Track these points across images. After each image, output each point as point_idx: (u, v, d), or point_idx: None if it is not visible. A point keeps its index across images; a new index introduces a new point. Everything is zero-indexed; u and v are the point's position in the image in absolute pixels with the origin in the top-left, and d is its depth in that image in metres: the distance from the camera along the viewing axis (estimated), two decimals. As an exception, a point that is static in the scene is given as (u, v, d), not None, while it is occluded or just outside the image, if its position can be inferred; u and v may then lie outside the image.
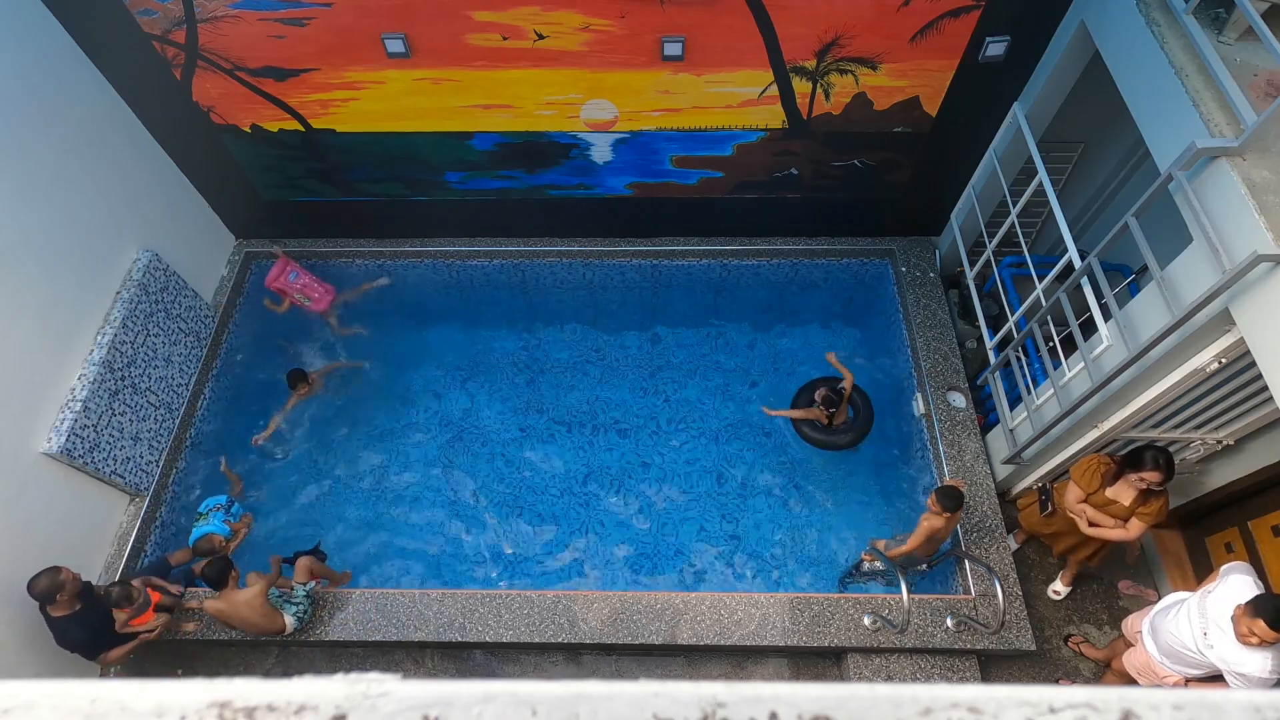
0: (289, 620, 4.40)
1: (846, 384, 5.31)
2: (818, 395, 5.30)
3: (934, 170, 5.60)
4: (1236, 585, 3.32)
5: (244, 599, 4.18)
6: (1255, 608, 3.06)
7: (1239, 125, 3.14)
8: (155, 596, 4.44)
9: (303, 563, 4.62)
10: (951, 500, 4.17)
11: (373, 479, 5.79)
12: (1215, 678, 3.40)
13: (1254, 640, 3.06)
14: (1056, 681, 4.66)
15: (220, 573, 4.13)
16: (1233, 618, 3.18)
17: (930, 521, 4.27)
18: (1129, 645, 4.07)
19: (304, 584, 4.58)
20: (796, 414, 5.48)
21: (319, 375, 5.94)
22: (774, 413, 5.57)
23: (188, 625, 4.59)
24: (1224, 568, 3.49)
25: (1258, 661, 3.14)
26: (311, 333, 6.43)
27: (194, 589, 4.72)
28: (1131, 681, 3.95)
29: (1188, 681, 3.56)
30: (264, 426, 5.73)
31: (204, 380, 5.78)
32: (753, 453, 5.79)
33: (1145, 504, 3.94)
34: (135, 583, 4.32)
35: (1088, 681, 4.67)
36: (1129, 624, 4.08)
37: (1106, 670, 4.51)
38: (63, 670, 4.38)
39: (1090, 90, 4.63)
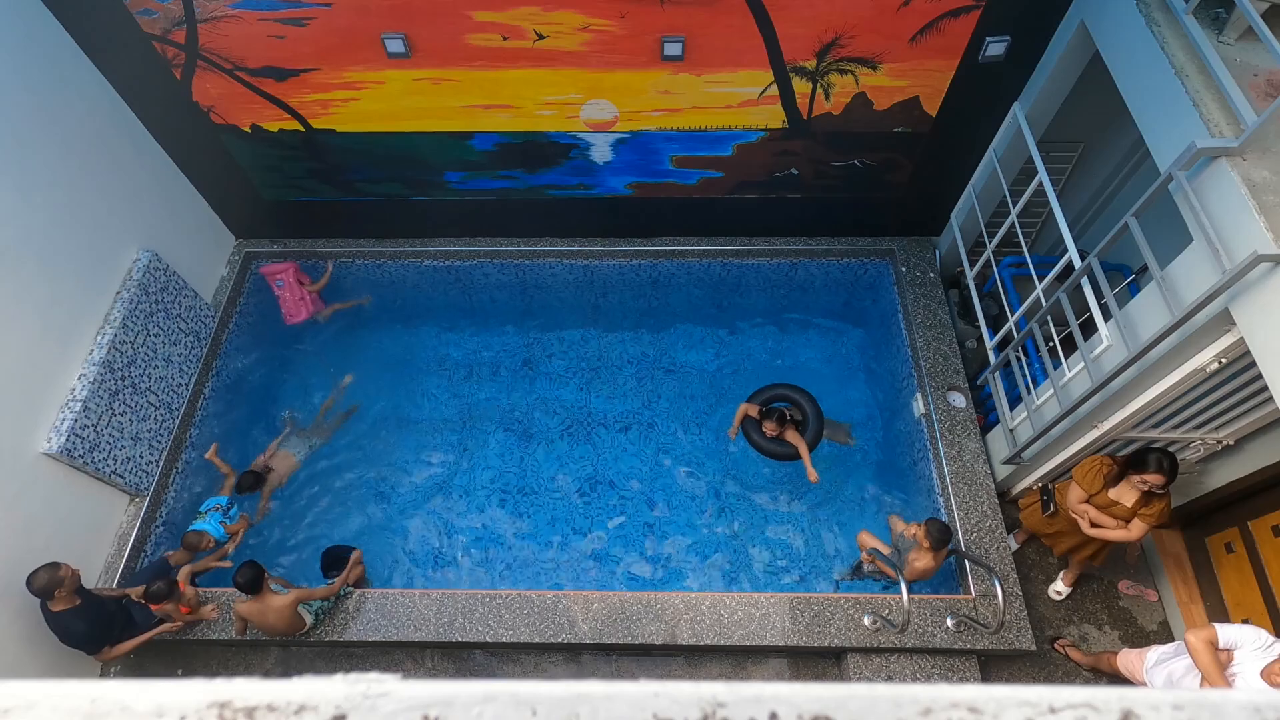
0: (309, 619, 4.42)
1: (749, 411, 5.29)
2: (768, 429, 5.12)
3: (934, 170, 5.60)
4: (1253, 635, 3.20)
5: (276, 606, 4.18)
6: None
7: (1239, 125, 3.14)
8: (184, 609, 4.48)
9: (358, 557, 4.89)
10: (940, 537, 4.24)
11: (371, 480, 5.79)
12: None
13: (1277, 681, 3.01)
14: (1052, 644, 4.76)
15: (252, 581, 4.10)
16: (1264, 672, 3.08)
17: (923, 561, 4.34)
18: (1112, 667, 4.07)
19: (349, 583, 4.70)
20: (803, 450, 5.13)
21: (278, 473, 5.49)
22: (811, 472, 5.09)
23: (207, 610, 4.56)
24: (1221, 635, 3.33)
25: None
26: (309, 343, 6.43)
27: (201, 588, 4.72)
28: None
29: None
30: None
31: (204, 380, 5.78)
32: (753, 451, 5.79)
33: (1147, 505, 3.94)
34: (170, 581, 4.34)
35: (1087, 682, 4.67)
36: (1128, 665, 4.02)
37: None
38: (63, 670, 4.38)
39: (1090, 90, 4.63)
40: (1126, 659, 4.03)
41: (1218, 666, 3.14)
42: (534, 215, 6.12)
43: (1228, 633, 3.21)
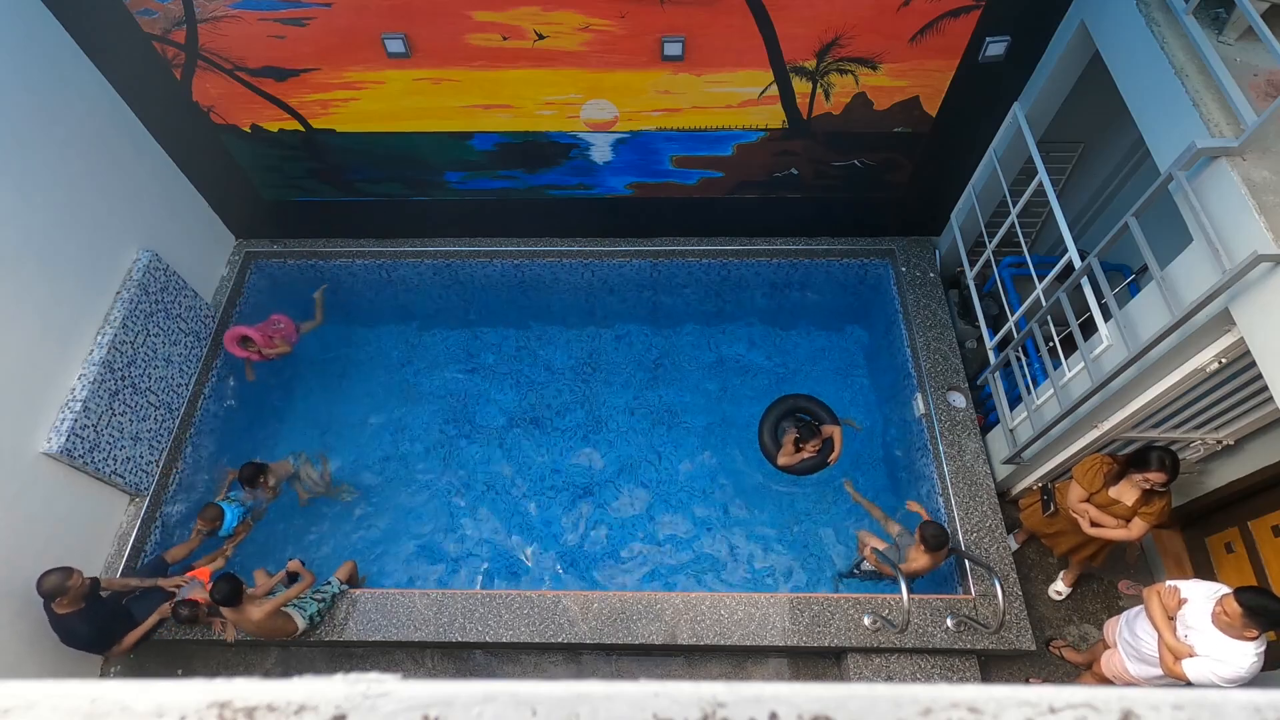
0: (300, 622, 4.39)
1: (826, 430, 5.23)
2: (805, 445, 5.09)
3: (934, 170, 5.60)
4: (1203, 588, 3.44)
5: (254, 618, 4.17)
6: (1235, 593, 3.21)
7: (1239, 125, 3.14)
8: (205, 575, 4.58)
9: (348, 565, 4.97)
10: (936, 540, 4.25)
11: (370, 481, 5.79)
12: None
13: (1224, 618, 3.21)
14: (1027, 681, 4.67)
15: (228, 596, 4.07)
16: (1213, 615, 3.30)
17: (920, 562, 4.35)
18: (1107, 648, 4.09)
19: (342, 581, 4.73)
20: (788, 452, 5.18)
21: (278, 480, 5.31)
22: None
23: (228, 635, 4.48)
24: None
25: (1236, 660, 3.24)
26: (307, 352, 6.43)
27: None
28: (1108, 684, 3.98)
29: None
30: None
31: (204, 380, 5.78)
32: (752, 452, 5.79)
33: (1148, 504, 3.94)
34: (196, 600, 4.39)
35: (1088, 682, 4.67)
36: (1108, 628, 4.11)
37: (1085, 673, 4.52)
38: (63, 670, 4.38)
39: (1090, 90, 4.63)
40: (1108, 627, 4.11)
41: (1163, 616, 3.48)
42: (534, 215, 6.12)
43: (1185, 587, 3.51)
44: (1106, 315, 3.90)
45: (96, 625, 4.09)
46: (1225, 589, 3.32)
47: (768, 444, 5.35)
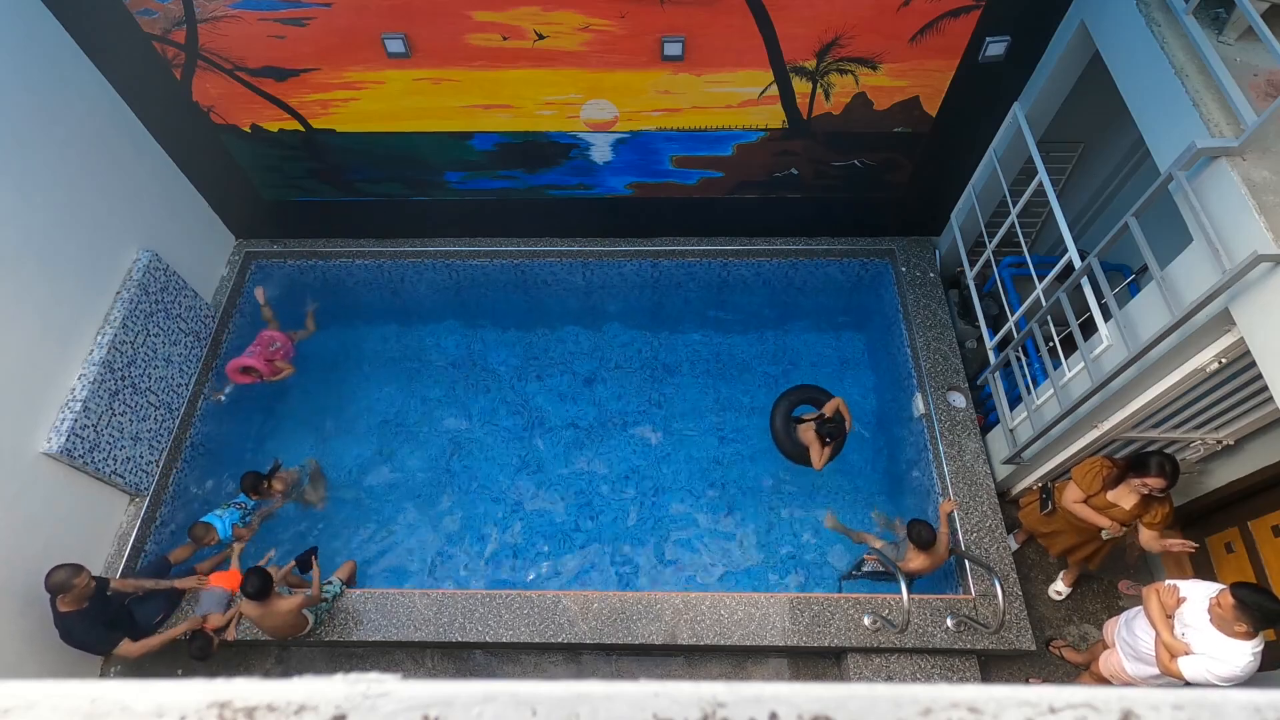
0: (310, 620, 4.43)
1: (830, 409, 5.17)
2: (831, 442, 5.05)
3: (934, 170, 5.60)
4: (1202, 587, 3.45)
5: (282, 611, 4.19)
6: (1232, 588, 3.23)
7: (1239, 125, 3.14)
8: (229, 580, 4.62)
9: (348, 565, 5.05)
10: (921, 539, 4.28)
11: (370, 481, 5.79)
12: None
13: (1219, 611, 3.23)
14: (1027, 681, 4.66)
15: (260, 590, 4.09)
16: (1209, 608, 3.33)
17: (917, 562, 4.38)
18: (1107, 648, 4.10)
19: (343, 580, 4.76)
20: (817, 451, 5.12)
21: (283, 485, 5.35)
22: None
23: (229, 634, 4.57)
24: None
25: (1232, 659, 3.25)
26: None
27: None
28: (1107, 684, 3.99)
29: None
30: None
31: (204, 380, 5.78)
32: (752, 452, 5.79)
33: (1150, 511, 3.93)
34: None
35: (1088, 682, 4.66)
36: (1107, 628, 4.12)
37: (1084, 672, 4.52)
38: (63, 670, 4.38)
39: (1090, 90, 4.63)
40: (1107, 626, 4.12)
41: (1161, 614, 3.48)
42: (534, 215, 6.12)
43: (1184, 586, 3.53)
44: (1106, 315, 3.90)
45: (94, 628, 4.08)
46: (1225, 589, 3.32)
47: (792, 452, 5.33)
